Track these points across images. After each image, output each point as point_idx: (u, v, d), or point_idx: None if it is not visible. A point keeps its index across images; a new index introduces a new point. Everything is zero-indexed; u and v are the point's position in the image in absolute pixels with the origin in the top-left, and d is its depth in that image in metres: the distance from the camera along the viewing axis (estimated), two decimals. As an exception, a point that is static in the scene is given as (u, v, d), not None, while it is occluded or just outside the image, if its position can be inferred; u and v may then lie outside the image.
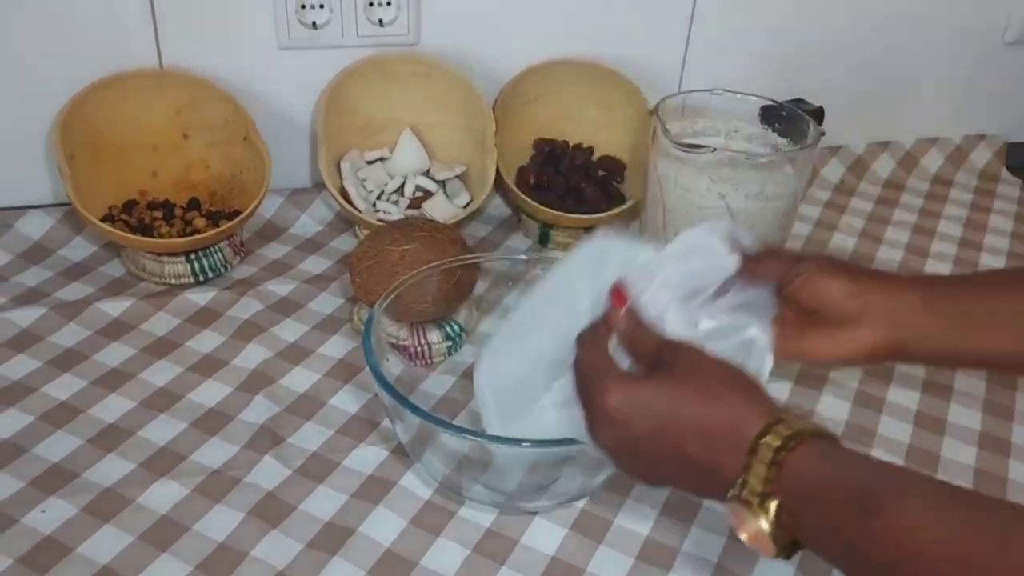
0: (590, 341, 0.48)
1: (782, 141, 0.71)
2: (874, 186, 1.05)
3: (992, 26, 1.05)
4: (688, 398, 0.43)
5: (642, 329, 0.48)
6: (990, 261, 0.93)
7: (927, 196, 1.04)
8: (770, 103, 0.72)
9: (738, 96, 0.72)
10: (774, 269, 0.51)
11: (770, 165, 0.66)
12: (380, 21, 0.83)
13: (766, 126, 0.73)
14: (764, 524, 0.40)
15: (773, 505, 0.39)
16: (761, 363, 0.48)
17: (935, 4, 1.01)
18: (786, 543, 0.40)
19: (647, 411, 0.44)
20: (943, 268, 0.91)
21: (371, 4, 0.82)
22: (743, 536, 0.41)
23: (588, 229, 0.87)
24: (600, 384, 0.45)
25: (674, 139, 0.64)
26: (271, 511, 0.57)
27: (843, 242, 0.94)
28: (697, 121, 0.73)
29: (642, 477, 0.47)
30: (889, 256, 0.92)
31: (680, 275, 0.49)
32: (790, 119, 0.71)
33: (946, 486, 0.39)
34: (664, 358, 0.46)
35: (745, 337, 0.48)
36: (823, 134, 0.68)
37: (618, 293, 0.49)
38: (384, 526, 0.57)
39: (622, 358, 0.48)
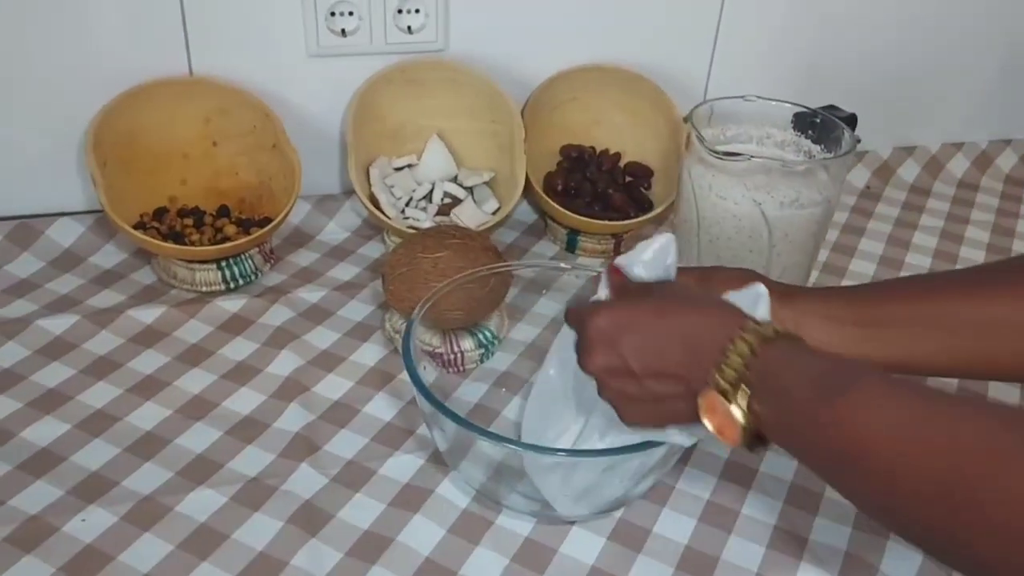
0: (573, 307, 0.52)
1: (816, 148, 0.71)
2: (900, 191, 1.04)
3: (1017, 29, 1.04)
4: (669, 310, 0.48)
5: (632, 283, 0.52)
6: (1019, 266, 0.92)
7: (954, 201, 1.03)
8: (803, 110, 0.72)
9: (772, 103, 0.71)
10: (693, 279, 0.56)
11: (806, 172, 0.66)
12: (408, 28, 0.83)
13: (799, 133, 0.72)
14: (735, 409, 0.43)
15: (745, 392, 0.43)
16: (767, 314, 0.51)
17: (959, 7, 1.00)
18: (752, 433, 0.43)
19: (632, 325, 0.48)
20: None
21: (400, 11, 0.82)
22: (710, 424, 0.44)
23: (616, 235, 0.87)
24: (588, 315, 0.49)
25: (710, 146, 0.64)
26: (309, 519, 0.57)
27: (871, 248, 0.93)
28: (729, 128, 0.73)
29: (630, 401, 0.49)
30: (918, 262, 0.91)
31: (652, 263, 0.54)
32: (824, 126, 0.71)
33: (897, 378, 0.41)
34: (645, 292, 0.51)
35: (754, 292, 0.51)
36: (859, 141, 0.67)
37: (614, 269, 0.53)
38: (422, 535, 0.57)
39: None
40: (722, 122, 0.73)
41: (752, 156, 0.64)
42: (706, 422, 0.44)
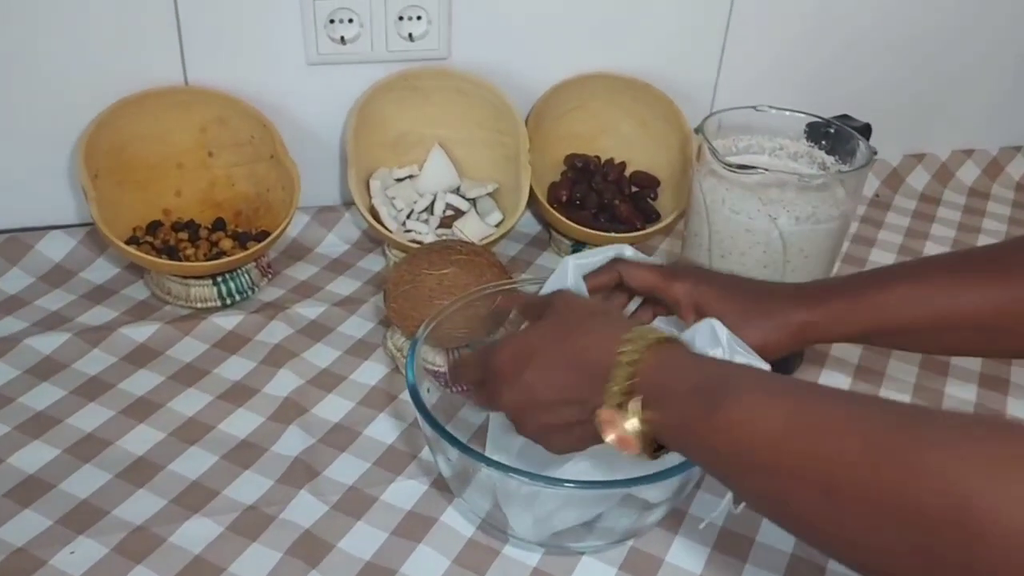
0: (462, 357, 0.55)
1: (829, 159, 0.69)
2: (910, 200, 1.02)
3: (1028, 35, 1.02)
4: (557, 333, 0.48)
5: (535, 299, 0.54)
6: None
7: (964, 210, 1.01)
8: (817, 119, 0.69)
9: (787, 113, 0.69)
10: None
11: (822, 186, 0.64)
12: (410, 35, 0.81)
13: (812, 143, 0.70)
14: (630, 422, 0.43)
15: (636, 402, 0.43)
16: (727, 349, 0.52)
17: (969, 14, 0.98)
18: (650, 440, 0.44)
19: (531, 356, 0.48)
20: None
21: (401, 18, 0.80)
22: (610, 438, 0.44)
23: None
24: (489, 354, 0.50)
25: (724, 159, 0.62)
26: (309, 550, 0.55)
27: (882, 258, 0.91)
28: (740, 138, 0.70)
29: (549, 432, 0.49)
30: (931, 274, 0.89)
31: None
32: (838, 136, 0.69)
33: (781, 379, 0.42)
34: (544, 309, 0.51)
35: (709, 327, 0.52)
36: (875, 153, 0.65)
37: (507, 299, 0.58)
38: (427, 566, 0.55)
39: None
40: (733, 132, 0.71)
41: (767, 169, 0.62)
42: (606, 438, 0.44)
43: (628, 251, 0.59)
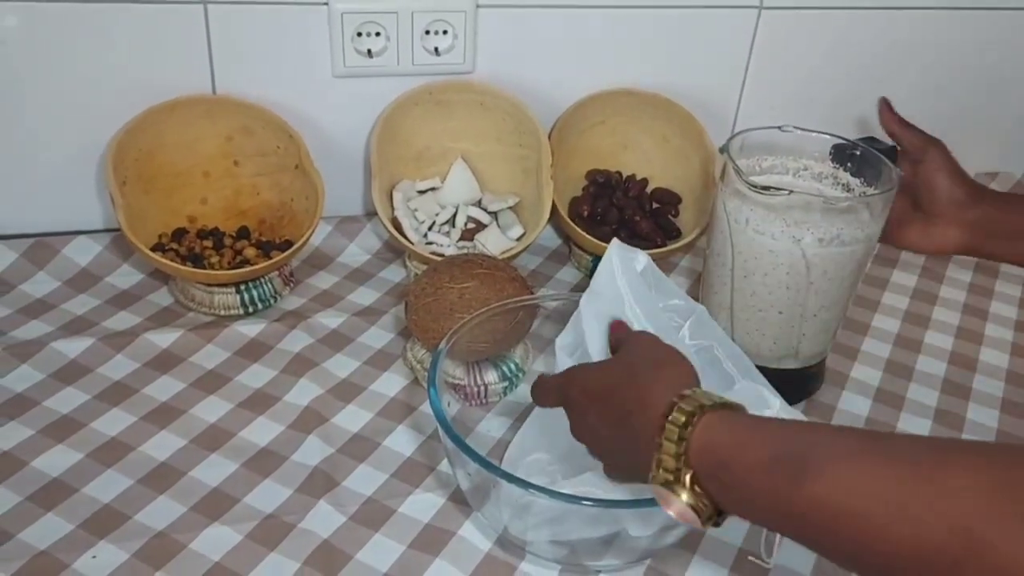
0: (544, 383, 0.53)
1: (855, 181, 0.69)
2: (932, 221, 1.02)
3: (1056, 58, 1.02)
4: (620, 377, 0.47)
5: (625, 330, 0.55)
6: (1057, 303, 0.89)
7: (988, 232, 1.00)
8: (842, 141, 0.69)
9: (812, 134, 0.69)
10: (913, 140, 0.69)
11: (847, 208, 0.63)
12: (436, 50, 0.81)
13: (837, 165, 0.70)
14: (684, 497, 0.41)
15: (687, 478, 0.41)
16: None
17: (994, 36, 0.98)
18: (711, 513, 0.41)
19: (594, 395, 0.48)
20: (1008, 310, 0.88)
21: (427, 32, 0.80)
22: (671, 513, 0.42)
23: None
24: (565, 384, 0.50)
25: (749, 180, 0.62)
26: (327, 561, 0.55)
27: (904, 279, 0.91)
28: (765, 158, 0.70)
29: (609, 468, 0.49)
30: (953, 296, 0.89)
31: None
32: (864, 158, 0.68)
33: (864, 438, 0.39)
34: (624, 344, 0.51)
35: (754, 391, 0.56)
36: (902, 176, 0.65)
37: (618, 324, 0.56)
38: (444, 581, 0.55)
39: None
40: (757, 152, 0.71)
41: (792, 191, 0.61)
42: (666, 511, 0.42)
43: (643, 257, 0.60)
